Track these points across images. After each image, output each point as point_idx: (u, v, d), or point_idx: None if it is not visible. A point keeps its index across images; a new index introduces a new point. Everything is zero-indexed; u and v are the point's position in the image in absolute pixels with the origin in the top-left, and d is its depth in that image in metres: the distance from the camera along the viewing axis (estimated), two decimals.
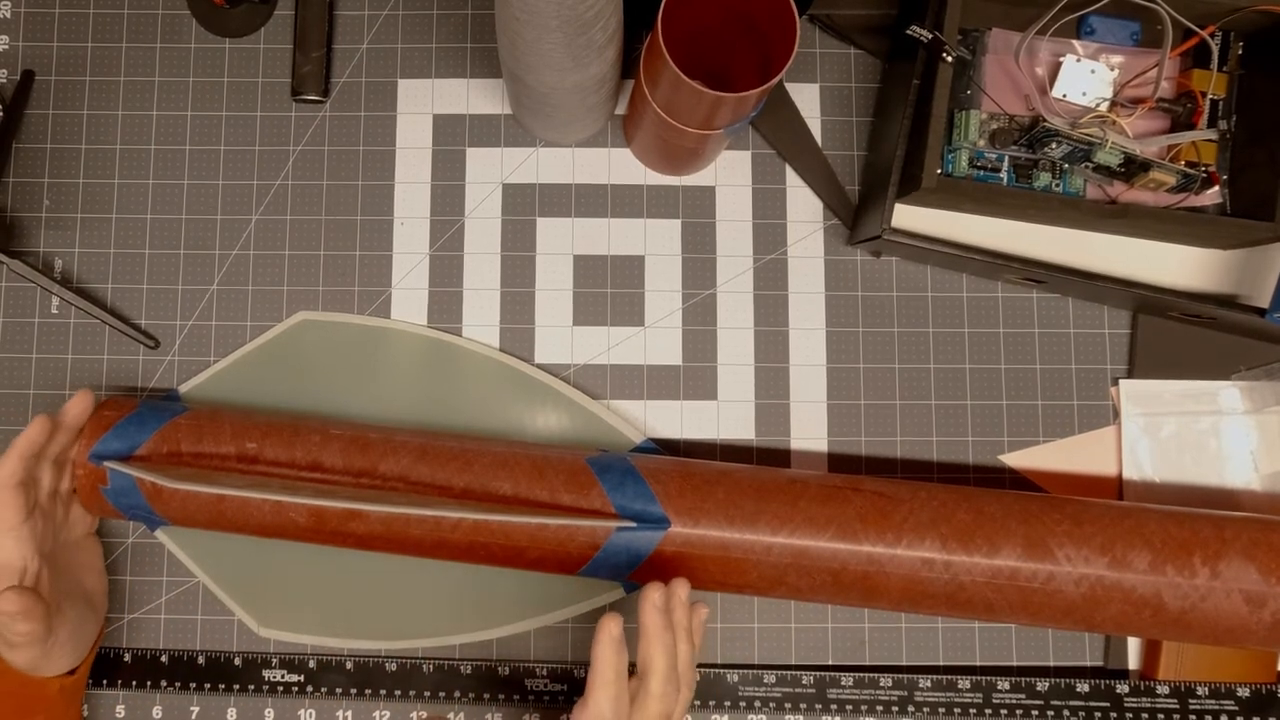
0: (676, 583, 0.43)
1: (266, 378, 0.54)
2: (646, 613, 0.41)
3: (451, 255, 0.55)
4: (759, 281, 0.55)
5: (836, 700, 0.51)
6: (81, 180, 0.55)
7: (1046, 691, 0.51)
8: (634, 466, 0.47)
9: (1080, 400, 0.55)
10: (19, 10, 0.56)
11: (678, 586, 0.42)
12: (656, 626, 0.41)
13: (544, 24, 0.40)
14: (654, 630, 0.41)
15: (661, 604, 0.41)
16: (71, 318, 0.54)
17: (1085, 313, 0.55)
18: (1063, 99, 0.50)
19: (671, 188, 0.56)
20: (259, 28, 0.56)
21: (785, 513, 0.45)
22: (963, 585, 0.45)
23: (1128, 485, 0.54)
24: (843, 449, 0.54)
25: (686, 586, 0.43)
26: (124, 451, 0.47)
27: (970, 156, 0.50)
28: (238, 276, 0.55)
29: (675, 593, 0.42)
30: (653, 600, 0.41)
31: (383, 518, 0.46)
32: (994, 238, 0.52)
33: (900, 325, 0.55)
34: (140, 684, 0.52)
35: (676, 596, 0.42)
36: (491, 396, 0.53)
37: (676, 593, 0.42)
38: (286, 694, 0.52)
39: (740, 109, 0.44)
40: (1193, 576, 0.44)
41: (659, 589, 0.42)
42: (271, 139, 0.55)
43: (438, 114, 0.56)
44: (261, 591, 0.52)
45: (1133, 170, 0.49)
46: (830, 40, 0.56)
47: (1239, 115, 0.51)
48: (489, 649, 0.53)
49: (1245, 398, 0.54)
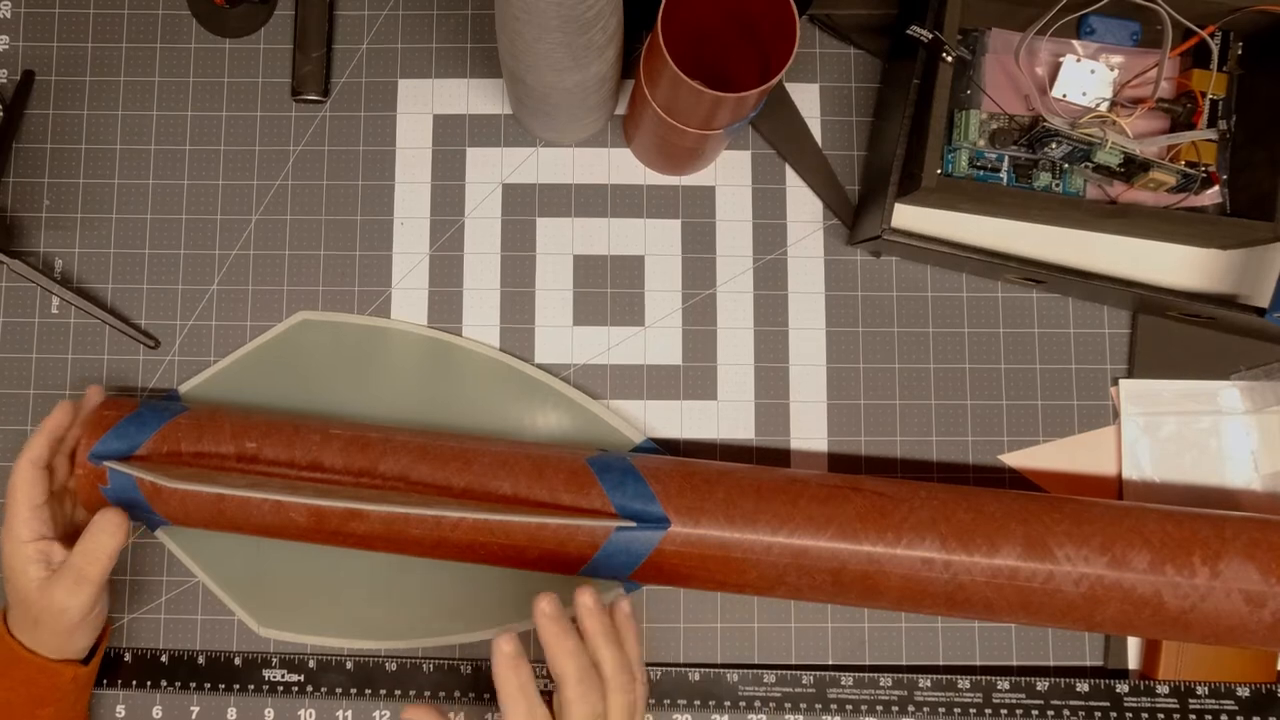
0: (577, 592, 0.41)
1: (266, 378, 0.54)
2: (539, 623, 0.40)
3: (451, 255, 0.55)
4: (759, 281, 0.55)
5: (836, 700, 0.51)
6: (81, 180, 0.55)
7: (1046, 691, 0.51)
8: (634, 466, 0.47)
9: (1080, 400, 0.55)
10: (19, 10, 0.56)
11: (578, 596, 0.41)
12: (550, 634, 0.40)
13: (544, 23, 0.40)
14: (549, 638, 0.40)
15: (553, 612, 0.40)
16: (72, 318, 0.55)
17: (1085, 313, 0.55)
18: (1063, 99, 0.50)
19: (671, 188, 0.56)
20: (259, 28, 0.56)
21: (785, 512, 0.45)
22: (962, 585, 0.45)
23: (1127, 485, 0.54)
24: (842, 449, 0.54)
25: (589, 593, 0.41)
26: (124, 451, 0.47)
27: (970, 156, 0.50)
28: (238, 276, 0.55)
29: (578, 602, 0.41)
30: (542, 609, 0.40)
31: (382, 517, 0.46)
32: (994, 238, 0.52)
33: (900, 325, 0.55)
34: (140, 684, 0.52)
35: (580, 605, 0.41)
36: (491, 396, 0.53)
37: (579, 602, 0.41)
38: (286, 694, 0.52)
39: (740, 109, 0.44)
40: (1192, 576, 0.44)
41: (547, 598, 0.40)
42: (271, 139, 0.55)
43: (438, 114, 0.56)
44: (261, 591, 0.52)
45: (1132, 170, 0.49)
46: (830, 40, 0.56)
47: (1239, 115, 0.51)
48: (488, 649, 0.53)
49: (1245, 397, 0.54)
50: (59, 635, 0.45)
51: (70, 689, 0.47)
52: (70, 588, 0.44)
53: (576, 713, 0.39)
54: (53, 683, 0.46)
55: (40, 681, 0.46)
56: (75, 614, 0.45)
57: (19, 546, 0.45)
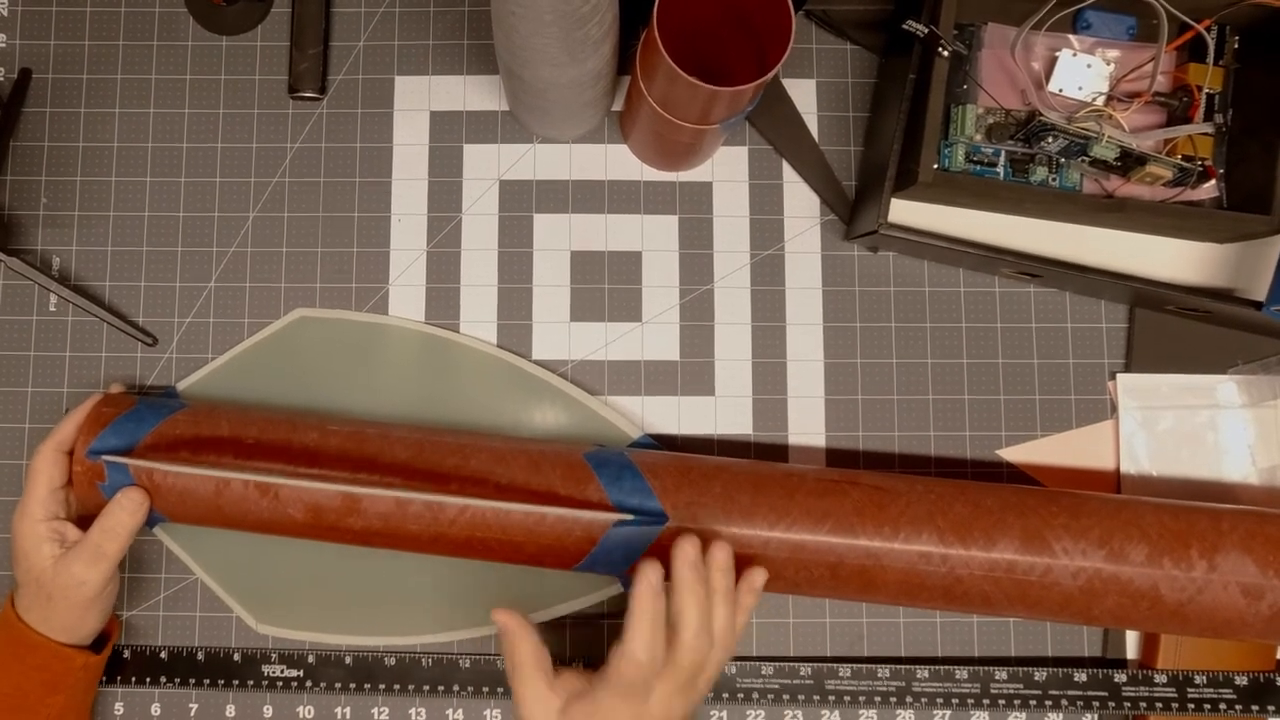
0: (716, 546, 0.43)
1: (264, 374, 0.54)
2: (679, 566, 0.41)
3: (449, 251, 0.55)
4: (756, 277, 0.55)
5: (834, 691, 0.51)
6: (79, 178, 0.55)
7: (1044, 681, 0.51)
8: (631, 461, 0.47)
9: (1078, 394, 0.55)
10: (16, 8, 0.56)
11: (716, 551, 0.43)
12: (688, 580, 0.41)
13: (540, 19, 0.40)
14: (685, 584, 0.41)
15: (694, 559, 0.42)
16: (69, 315, 0.55)
17: (1082, 307, 0.55)
18: (1059, 93, 0.50)
19: (668, 183, 0.56)
20: (256, 25, 0.56)
21: (783, 506, 0.45)
22: (960, 578, 0.45)
23: (1125, 479, 0.54)
24: (840, 444, 0.54)
25: (726, 550, 0.43)
26: (122, 448, 0.47)
27: (967, 151, 0.50)
28: (235, 274, 0.55)
29: (714, 557, 0.43)
30: (686, 555, 0.42)
31: (380, 513, 0.46)
32: (991, 232, 0.52)
33: (897, 320, 0.55)
34: (139, 680, 0.52)
35: (715, 560, 0.43)
36: (489, 392, 0.53)
37: (715, 557, 0.43)
38: (285, 689, 0.52)
39: (736, 104, 0.44)
40: (1190, 569, 0.44)
41: (693, 543, 0.42)
42: (269, 136, 0.56)
43: (434, 110, 0.56)
44: (260, 588, 0.52)
45: (1129, 164, 0.49)
46: (826, 35, 0.56)
47: (1235, 109, 0.51)
48: (487, 644, 0.53)
49: (1242, 391, 0.54)
50: (73, 612, 0.46)
51: (81, 676, 0.47)
52: (89, 560, 0.45)
53: (685, 658, 0.41)
54: (65, 668, 0.46)
55: (54, 667, 0.46)
56: (92, 588, 0.45)
57: (34, 525, 0.46)
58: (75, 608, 0.46)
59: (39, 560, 0.45)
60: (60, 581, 0.45)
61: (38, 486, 0.46)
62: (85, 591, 0.45)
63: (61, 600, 0.45)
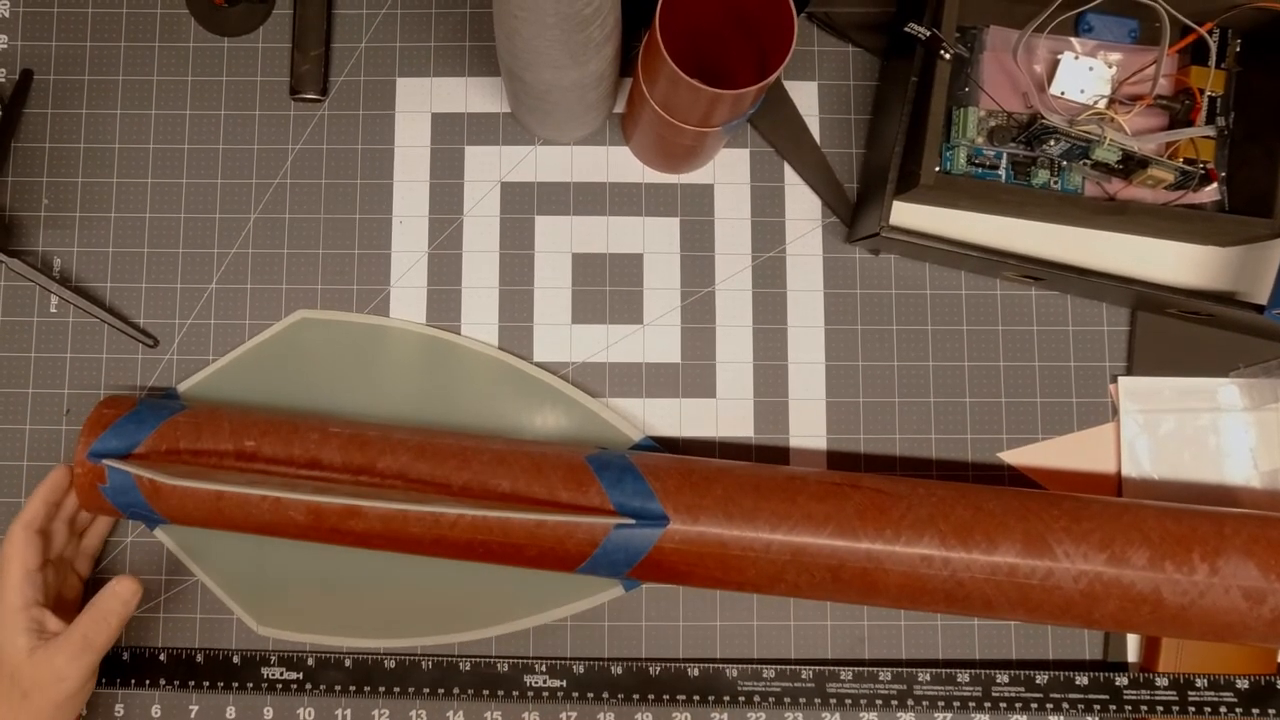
0: None
1: (265, 376, 0.54)
2: None
3: (450, 254, 0.55)
4: (757, 279, 0.55)
5: (836, 694, 0.51)
6: (80, 179, 0.55)
7: (1046, 684, 0.51)
8: (632, 463, 0.47)
9: (1079, 397, 0.55)
10: (17, 9, 0.56)
11: None
12: None
13: (542, 20, 0.40)
14: None
15: None
16: (70, 316, 0.55)
17: (1084, 310, 0.55)
18: (1061, 96, 0.50)
19: (670, 186, 0.56)
20: (257, 26, 0.56)
21: (784, 509, 0.45)
22: (961, 582, 0.45)
23: (1127, 482, 0.54)
24: (841, 446, 0.54)
25: None
26: (122, 450, 0.47)
27: (968, 154, 0.50)
28: (236, 275, 0.55)
29: None
30: None
31: (381, 515, 0.46)
32: (992, 235, 0.52)
33: (899, 323, 0.55)
34: (139, 683, 0.51)
35: None
36: (490, 395, 0.53)
37: None
38: (285, 691, 0.52)
39: (738, 106, 0.44)
40: (1191, 573, 0.44)
41: None
42: (270, 138, 0.55)
43: (436, 112, 0.56)
44: (260, 590, 0.52)
45: (1131, 167, 0.49)
46: (828, 38, 0.56)
47: (1237, 112, 0.51)
48: (488, 646, 0.53)
49: (1244, 395, 0.54)
50: (44, 711, 0.42)
51: None
52: (75, 652, 0.42)
53: None
54: None
55: None
56: (73, 684, 0.42)
57: (11, 614, 0.42)
58: (48, 706, 0.42)
59: (14, 653, 0.42)
60: (39, 675, 0.42)
61: (10, 572, 0.43)
62: (64, 688, 0.42)
63: (38, 697, 0.42)
